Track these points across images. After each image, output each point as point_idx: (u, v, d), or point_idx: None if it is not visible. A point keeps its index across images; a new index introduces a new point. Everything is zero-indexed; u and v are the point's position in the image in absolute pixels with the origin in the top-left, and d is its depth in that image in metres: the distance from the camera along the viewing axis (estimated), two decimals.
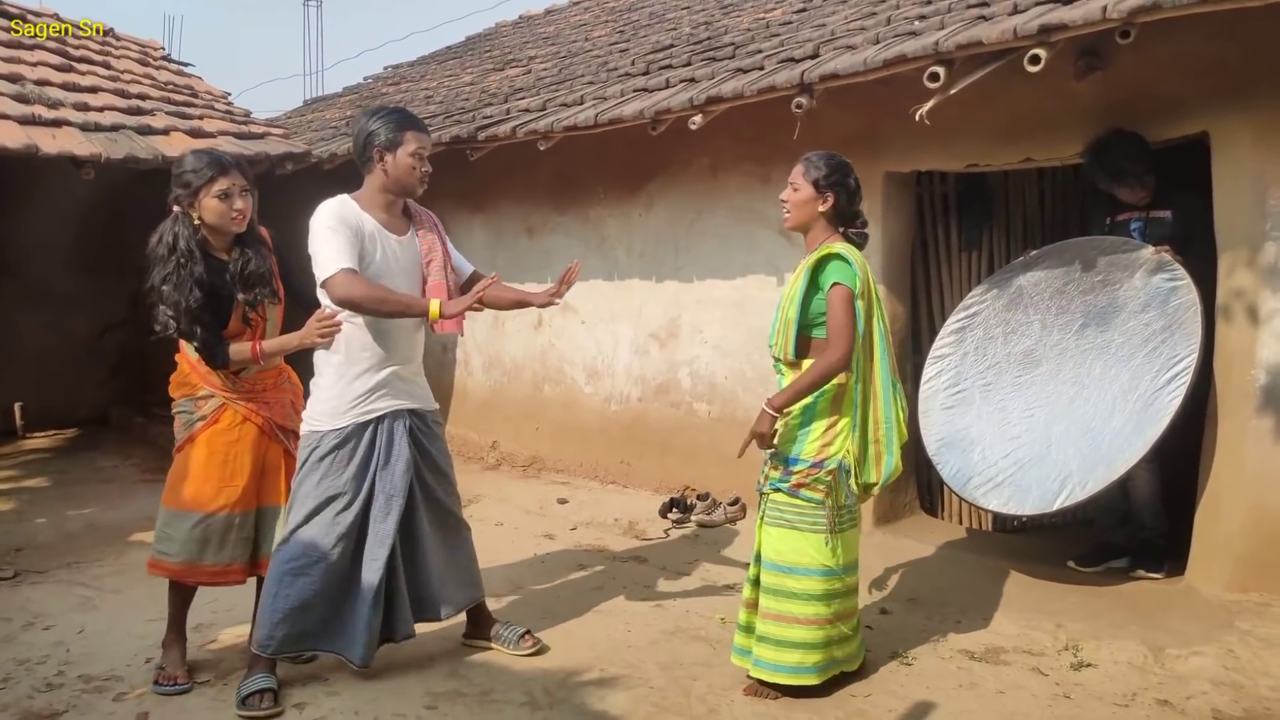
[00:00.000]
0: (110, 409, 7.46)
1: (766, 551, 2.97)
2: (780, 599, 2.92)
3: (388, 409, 3.09)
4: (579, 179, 5.76)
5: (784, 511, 2.93)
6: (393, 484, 3.06)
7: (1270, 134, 3.44)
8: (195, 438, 3.09)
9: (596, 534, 4.72)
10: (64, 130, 4.99)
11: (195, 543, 3.06)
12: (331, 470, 3.01)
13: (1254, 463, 3.52)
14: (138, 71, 6.56)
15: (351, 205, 3.03)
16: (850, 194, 2.99)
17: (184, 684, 3.07)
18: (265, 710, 2.89)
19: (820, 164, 2.97)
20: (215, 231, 3.04)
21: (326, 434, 3.02)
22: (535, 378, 6.16)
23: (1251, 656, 3.12)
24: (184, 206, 3.00)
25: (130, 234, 7.33)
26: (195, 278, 2.94)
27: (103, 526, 4.87)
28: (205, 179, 2.97)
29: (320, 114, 8.73)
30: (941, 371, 4.18)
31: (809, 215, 2.99)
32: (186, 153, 3.12)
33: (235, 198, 3.01)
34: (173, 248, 2.95)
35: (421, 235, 3.17)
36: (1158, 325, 3.66)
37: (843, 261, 2.88)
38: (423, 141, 3.07)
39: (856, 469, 2.91)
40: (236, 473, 3.09)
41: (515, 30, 9.29)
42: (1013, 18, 3.47)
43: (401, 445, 3.09)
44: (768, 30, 5.24)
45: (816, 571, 2.89)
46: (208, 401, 3.10)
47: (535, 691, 3.04)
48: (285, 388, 3.24)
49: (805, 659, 2.89)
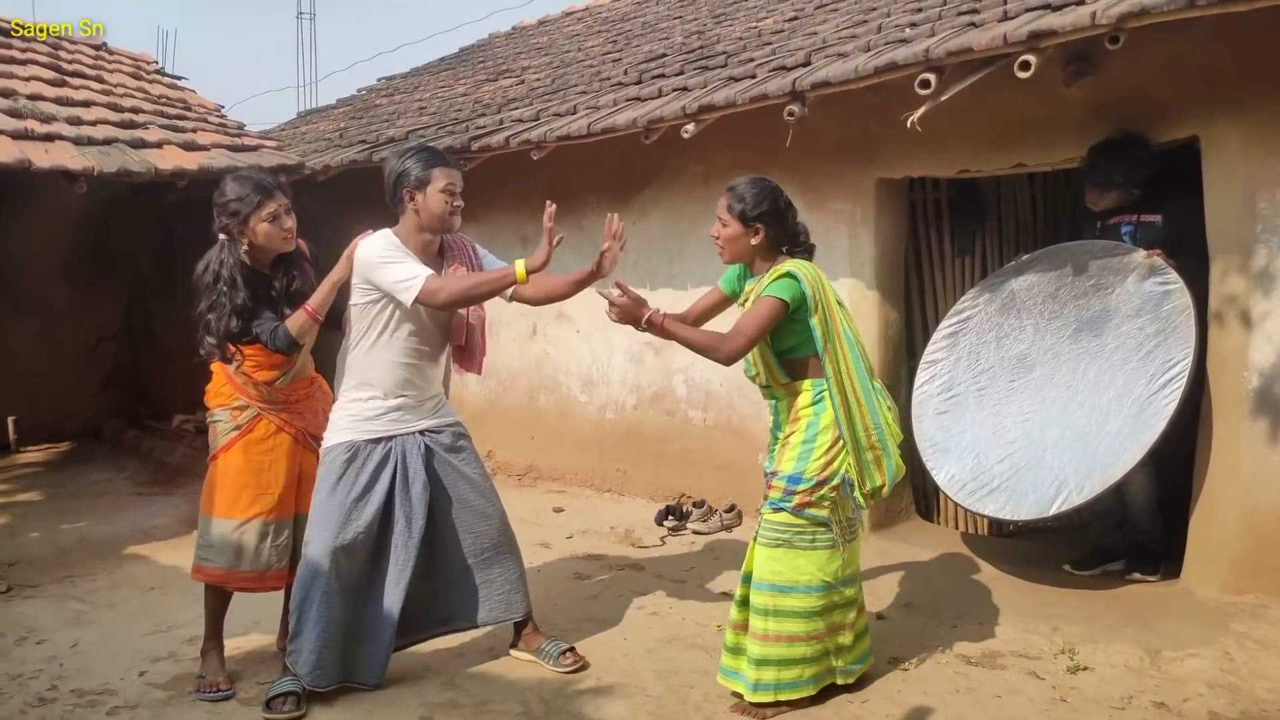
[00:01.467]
0: (103, 422, 7.44)
1: (761, 572, 2.88)
2: (781, 619, 2.85)
3: (398, 431, 3.11)
4: (572, 189, 5.76)
5: (781, 531, 2.85)
6: (411, 507, 3.09)
7: (1259, 138, 3.46)
8: (231, 446, 3.14)
9: (592, 542, 4.71)
10: (57, 144, 4.99)
11: (231, 549, 3.11)
12: (341, 483, 3.03)
13: (1248, 465, 3.53)
14: (131, 85, 6.56)
15: (395, 240, 3.05)
16: (781, 218, 2.89)
17: (226, 690, 3.09)
18: (289, 714, 2.92)
19: (745, 195, 2.87)
20: (264, 251, 3.10)
21: (336, 446, 3.06)
22: (530, 387, 6.16)
23: (1247, 659, 3.13)
24: (233, 234, 3.05)
25: (123, 246, 7.43)
26: (235, 306, 3.01)
27: (96, 540, 4.84)
28: (254, 205, 3.02)
29: (314, 126, 8.73)
30: (935, 376, 4.18)
31: (743, 250, 2.91)
32: (226, 180, 3.13)
33: (283, 218, 3.07)
34: (217, 276, 3.03)
35: (452, 269, 3.13)
36: (1151, 329, 3.67)
37: (790, 279, 2.79)
38: (452, 177, 3.05)
39: (859, 479, 2.86)
40: (272, 481, 3.15)
41: (508, 41, 9.32)
42: (1003, 24, 3.50)
43: (417, 467, 3.10)
44: (759, 39, 5.26)
45: (816, 589, 2.84)
46: (243, 412, 3.15)
47: (531, 701, 3.03)
48: (317, 396, 3.30)
49: (804, 672, 2.87)
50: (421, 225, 3.06)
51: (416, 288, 2.91)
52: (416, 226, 3.06)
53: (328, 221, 4.41)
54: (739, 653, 2.95)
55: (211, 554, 3.13)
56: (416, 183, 3.02)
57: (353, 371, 3.11)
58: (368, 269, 2.98)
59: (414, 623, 3.18)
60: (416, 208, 3.03)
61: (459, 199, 3.08)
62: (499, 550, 3.27)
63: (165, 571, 4.36)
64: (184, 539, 4.86)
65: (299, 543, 3.18)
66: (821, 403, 2.87)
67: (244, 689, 3.13)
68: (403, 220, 3.08)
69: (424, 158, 3.05)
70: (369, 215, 3.34)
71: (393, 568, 3.08)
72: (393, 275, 2.94)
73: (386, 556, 3.09)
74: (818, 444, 2.84)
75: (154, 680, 3.23)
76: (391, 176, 3.06)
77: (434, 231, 3.09)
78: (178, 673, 3.29)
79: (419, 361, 3.12)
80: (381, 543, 3.09)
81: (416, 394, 3.15)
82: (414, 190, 3.02)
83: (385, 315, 3.05)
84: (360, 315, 3.07)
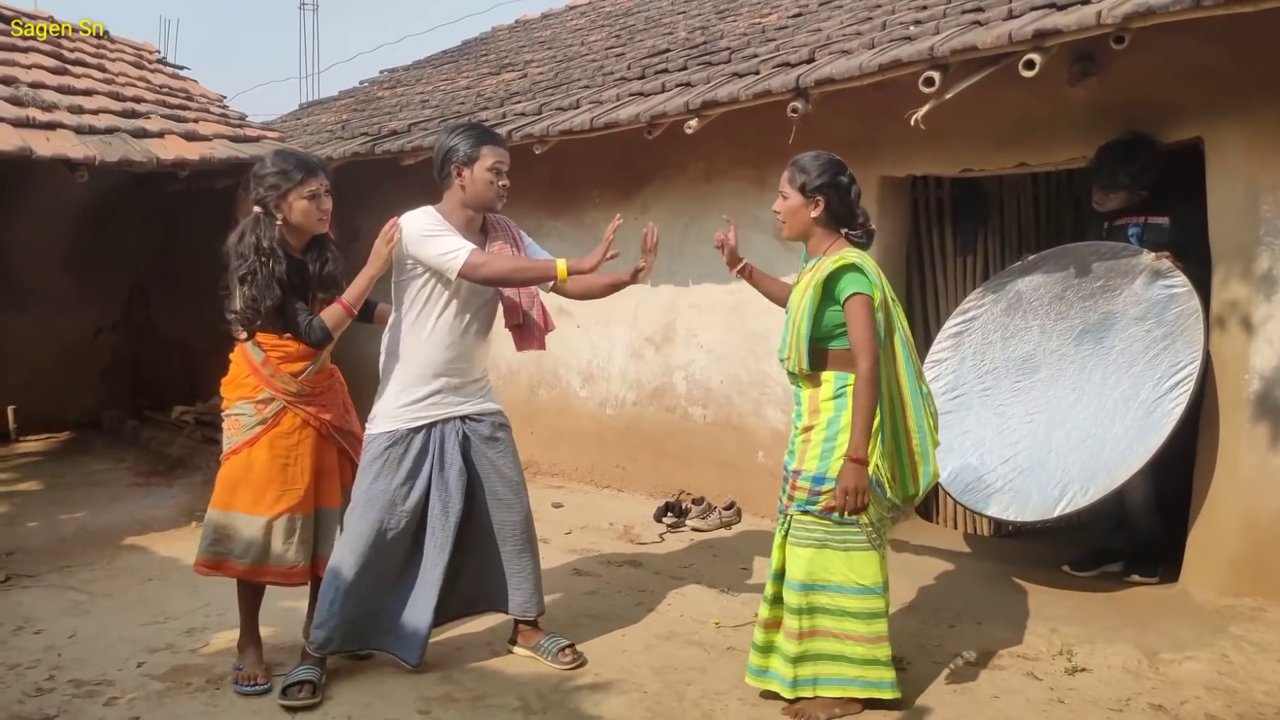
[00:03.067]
0: (102, 412, 7.43)
1: (793, 571, 2.80)
2: (814, 616, 2.80)
3: (439, 416, 3.12)
4: (574, 183, 5.76)
5: (812, 531, 2.77)
6: (447, 492, 3.10)
7: (1263, 140, 3.46)
8: (257, 440, 3.07)
9: (591, 538, 4.71)
10: (58, 133, 4.98)
11: (261, 545, 3.06)
12: (384, 472, 3.05)
13: (1248, 468, 3.52)
14: (133, 74, 6.54)
15: (437, 215, 3.05)
16: (843, 193, 2.84)
17: (263, 684, 3.05)
18: (303, 701, 2.92)
19: (807, 167, 2.85)
20: (296, 231, 3.06)
21: (379, 436, 3.08)
22: (530, 381, 6.16)
23: (1245, 661, 3.13)
24: (269, 207, 3.01)
25: (124, 237, 7.42)
26: (278, 277, 2.98)
27: (94, 530, 4.84)
28: (295, 181, 2.99)
29: (315, 118, 8.72)
30: (939, 376, 4.18)
31: (803, 223, 2.87)
32: (269, 153, 3.11)
33: (322, 198, 3.04)
34: (256, 246, 2.98)
35: (499, 251, 3.13)
36: (1158, 332, 3.66)
37: (858, 272, 2.74)
38: (500, 156, 3.07)
39: (892, 482, 2.77)
40: (299, 476, 3.11)
41: (511, 35, 9.30)
42: (1007, 23, 3.49)
43: (453, 453, 3.11)
44: (763, 35, 5.25)
45: (850, 590, 2.76)
46: (269, 405, 3.09)
47: (528, 696, 3.03)
48: (337, 387, 3.27)
49: (847, 671, 2.79)
50: (466, 202, 3.07)
51: (461, 259, 2.93)
52: (461, 203, 3.07)
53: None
54: (769, 651, 2.91)
55: (236, 548, 3.06)
56: (465, 159, 3.03)
57: (398, 349, 3.11)
58: (412, 243, 2.99)
59: (445, 605, 3.18)
60: (463, 184, 3.05)
61: (505, 178, 3.09)
62: (523, 547, 3.27)
63: (163, 562, 4.36)
64: (182, 530, 4.87)
65: (319, 537, 3.17)
66: (843, 398, 2.76)
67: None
68: (447, 196, 3.10)
69: (474, 135, 3.07)
70: (369, 206, 3.33)
71: (429, 551, 3.11)
72: (437, 248, 2.96)
73: (423, 545, 3.12)
74: (839, 442, 2.74)
75: (151, 671, 3.22)
76: (440, 151, 3.09)
77: (477, 209, 3.10)
78: (175, 664, 3.28)
79: (464, 340, 3.12)
80: (420, 528, 3.11)
81: (461, 376, 3.14)
82: (462, 166, 3.03)
83: (429, 291, 3.05)
84: (405, 292, 3.08)
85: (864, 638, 2.79)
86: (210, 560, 3.10)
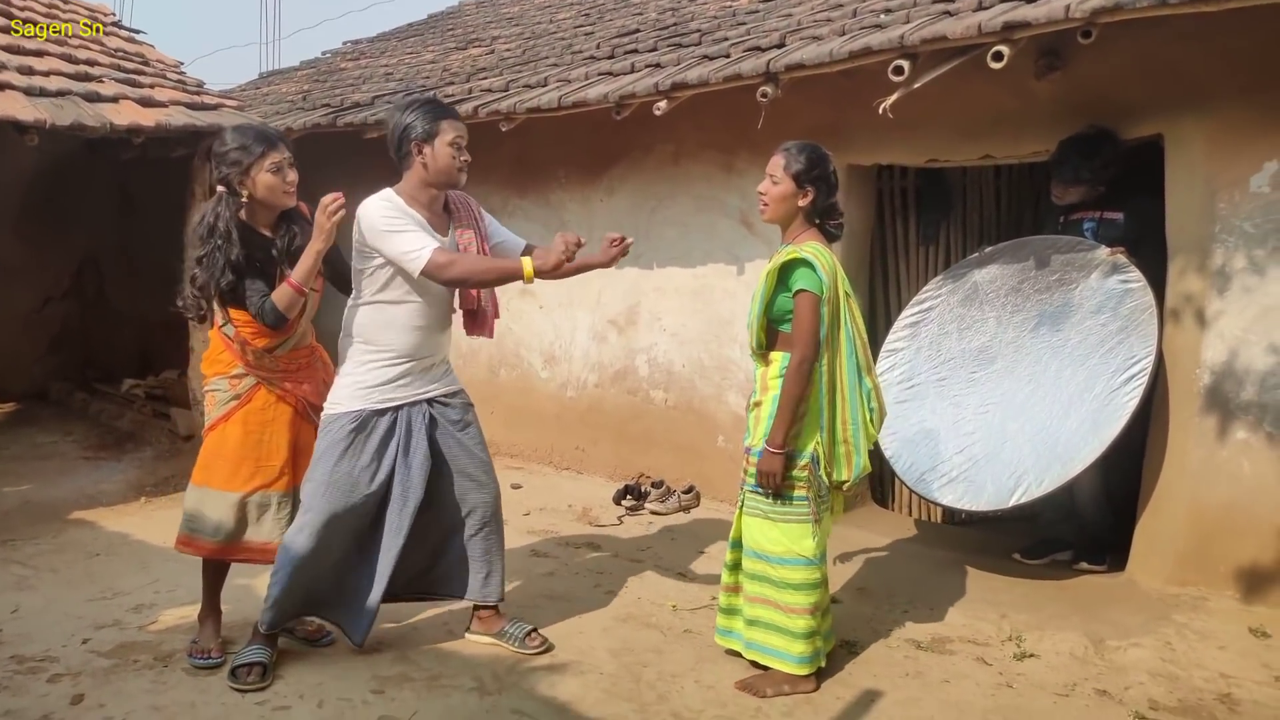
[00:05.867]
0: (50, 384, 7.24)
1: (747, 540, 2.98)
2: (761, 584, 2.94)
3: (405, 399, 3.05)
4: (540, 162, 5.71)
5: (758, 503, 2.93)
6: (409, 478, 3.03)
7: (1222, 139, 3.52)
8: (230, 416, 3.04)
9: (550, 520, 4.70)
10: (7, 94, 4.80)
11: (235, 521, 3.03)
12: (348, 454, 2.97)
13: (1195, 461, 3.60)
14: (86, 37, 6.34)
15: (398, 199, 2.96)
16: (830, 188, 2.92)
17: (216, 658, 3.03)
18: (252, 684, 2.88)
19: (801, 157, 2.89)
20: (264, 206, 2.99)
21: (341, 416, 3.00)
22: (491, 361, 6.11)
23: (1187, 649, 3.21)
24: (233, 185, 2.93)
25: (76, 205, 7.22)
26: (229, 260, 2.90)
27: (40, 504, 4.73)
28: (257, 154, 2.91)
29: (275, 87, 8.54)
30: (895, 365, 4.21)
31: (788, 210, 2.93)
32: (226, 129, 3.02)
33: (286, 170, 2.96)
34: (212, 229, 2.91)
35: (460, 233, 3.07)
36: (1113, 326, 3.72)
37: (809, 269, 2.81)
38: (459, 129, 2.97)
39: (826, 465, 2.89)
40: (273, 452, 3.06)
41: (479, 10, 9.17)
42: (977, 14, 3.50)
43: (419, 438, 3.04)
44: (734, 18, 5.22)
45: (795, 561, 2.88)
46: (242, 380, 3.05)
47: (484, 676, 3.01)
48: (317, 366, 3.20)
49: (792, 646, 2.90)
50: (428, 180, 2.97)
51: (424, 259, 2.84)
52: (423, 181, 2.98)
53: None
54: (733, 613, 3.11)
55: (208, 526, 3.03)
56: (424, 135, 2.92)
57: (359, 332, 3.04)
58: (372, 235, 2.90)
59: (394, 585, 3.13)
60: (424, 161, 2.94)
61: (466, 152, 3.00)
62: (489, 529, 3.22)
63: (111, 537, 4.27)
64: (131, 505, 4.77)
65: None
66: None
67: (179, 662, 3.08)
68: (407, 176, 2.99)
69: (429, 110, 2.96)
70: (331, 180, 3.26)
71: (387, 534, 3.06)
72: (399, 245, 2.86)
73: (382, 524, 3.06)
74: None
75: (97, 648, 3.16)
76: (396, 130, 2.96)
77: (440, 187, 3.01)
78: (122, 640, 3.22)
79: (428, 324, 3.05)
80: (380, 508, 3.05)
81: (424, 359, 3.08)
82: (421, 143, 2.93)
83: (389, 279, 2.98)
84: (365, 277, 3.00)
85: (787, 607, 2.90)
86: (185, 536, 3.08)
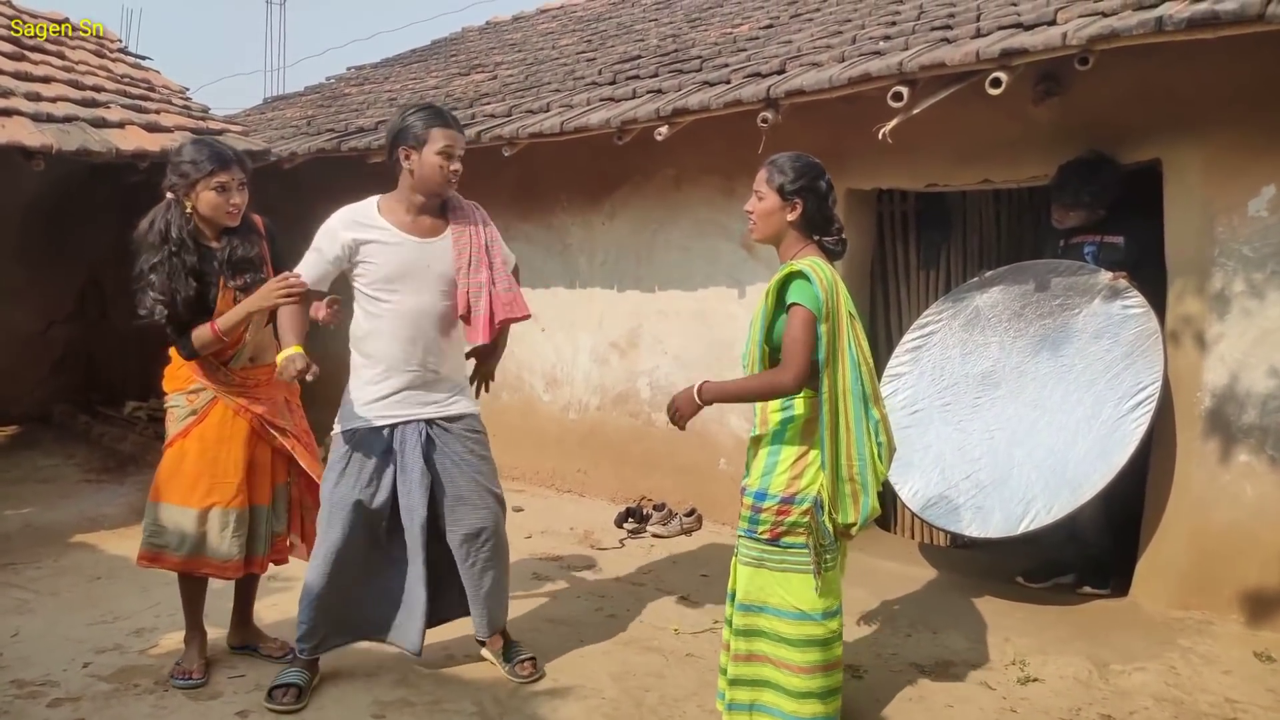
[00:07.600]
0: (53, 407, 7.25)
1: (740, 593, 2.69)
2: (751, 639, 2.68)
3: (403, 416, 3.02)
4: (542, 187, 5.74)
5: (750, 549, 2.67)
6: (410, 496, 3.01)
7: (1220, 163, 3.54)
8: (188, 433, 3.05)
9: (551, 543, 4.69)
10: (14, 120, 4.86)
11: (195, 537, 3.03)
12: (347, 473, 2.98)
13: (1198, 484, 3.60)
14: (93, 63, 6.40)
15: (364, 209, 2.99)
16: (821, 198, 2.67)
17: (198, 679, 3.04)
18: (286, 706, 2.89)
19: (786, 167, 2.67)
20: (207, 222, 3.00)
21: (340, 435, 3.02)
22: (493, 384, 6.10)
23: (1192, 673, 3.19)
24: (179, 195, 2.95)
25: (79, 228, 7.25)
26: (189, 268, 2.92)
27: (41, 527, 4.72)
28: (204, 172, 2.93)
29: (280, 112, 8.60)
30: (898, 390, 4.21)
31: (776, 226, 2.68)
32: (186, 141, 3.06)
33: (233, 192, 2.97)
34: (165, 235, 2.92)
35: (455, 239, 3.03)
36: (1118, 351, 3.71)
37: (805, 280, 2.56)
38: (451, 139, 2.93)
39: (831, 507, 2.60)
40: (230, 469, 3.06)
41: (481, 36, 9.26)
42: (975, 41, 3.54)
43: (414, 456, 3.00)
44: (734, 45, 5.28)
45: (788, 614, 2.62)
46: (199, 395, 3.06)
47: (485, 701, 3.00)
48: (278, 384, 3.16)
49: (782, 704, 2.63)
50: (414, 187, 2.96)
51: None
52: (409, 188, 2.97)
53: (292, 210, 4.35)
54: (725, 673, 2.79)
55: (172, 540, 3.04)
56: (414, 141, 2.91)
57: (353, 343, 3.06)
58: None
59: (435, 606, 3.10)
60: (411, 167, 2.93)
61: (457, 163, 2.95)
62: (494, 555, 3.11)
63: (112, 561, 4.27)
64: (133, 528, 4.73)
65: (255, 536, 3.12)
66: (790, 411, 2.63)
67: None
68: (399, 181, 3.00)
69: (425, 116, 2.95)
70: (334, 205, 3.28)
71: (408, 548, 3.05)
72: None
73: (401, 538, 3.05)
74: (782, 457, 2.64)
75: (98, 672, 3.15)
76: (391, 133, 2.98)
77: (427, 195, 2.98)
78: (123, 664, 3.21)
79: (421, 336, 3.00)
80: (395, 524, 3.04)
81: (424, 373, 3.02)
82: (410, 149, 2.91)
83: (364, 283, 2.98)
84: (356, 288, 3.02)
85: (798, 667, 2.61)
86: (149, 552, 3.08)
